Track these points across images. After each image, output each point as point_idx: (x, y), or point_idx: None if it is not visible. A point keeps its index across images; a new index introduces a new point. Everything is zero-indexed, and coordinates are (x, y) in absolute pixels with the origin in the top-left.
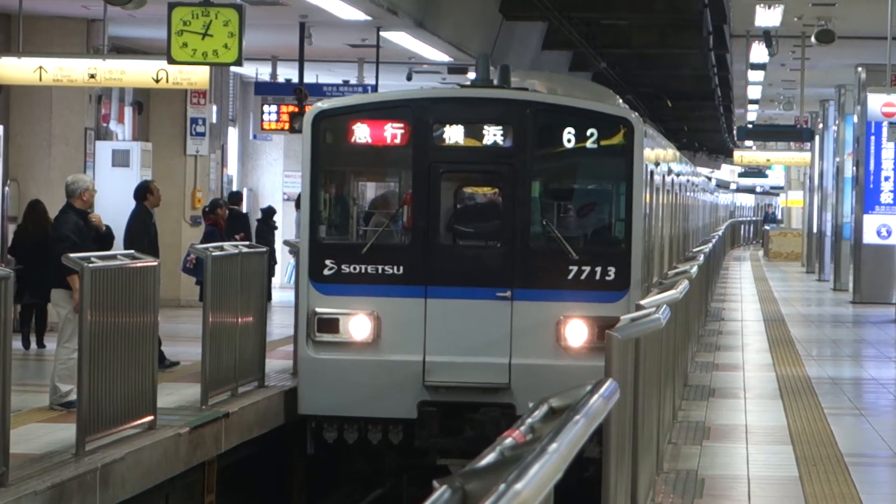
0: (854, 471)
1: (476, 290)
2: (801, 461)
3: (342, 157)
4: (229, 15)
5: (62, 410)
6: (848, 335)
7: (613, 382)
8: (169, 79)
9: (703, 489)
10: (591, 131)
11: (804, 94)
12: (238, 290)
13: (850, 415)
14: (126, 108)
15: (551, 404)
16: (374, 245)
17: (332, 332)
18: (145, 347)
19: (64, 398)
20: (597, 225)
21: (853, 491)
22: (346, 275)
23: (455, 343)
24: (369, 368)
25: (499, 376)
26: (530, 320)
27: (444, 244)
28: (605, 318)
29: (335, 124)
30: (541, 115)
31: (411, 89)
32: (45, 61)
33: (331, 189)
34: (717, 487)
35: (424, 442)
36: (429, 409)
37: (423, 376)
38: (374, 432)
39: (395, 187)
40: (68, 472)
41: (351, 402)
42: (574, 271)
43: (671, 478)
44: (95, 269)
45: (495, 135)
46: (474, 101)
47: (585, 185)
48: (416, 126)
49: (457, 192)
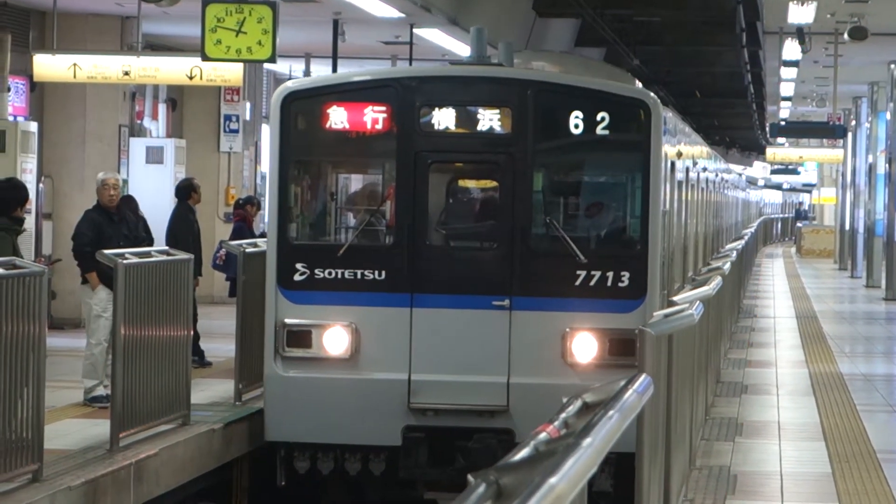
0: (887, 467)
1: (469, 298)
2: (833, 457)
3: (315, 146)
4: (263, 12)
5: (94, 407)
6: (880, 332)
7: (647, 377)
8: (203, 76)
9: (735, 485)
10: (602, 115)
11: (837, 92)
12: None
13: (882, 411)
14: (160, 105)
15: (585, 399)
16: (353, 246)
17: (304, 346)
18: (179, 344)
19: (89, 394)
20: (609, 224)
21: (886, 487)
22: (319, 280)
23: (445, 359)
24: (347, 388)
25: (495, 398)
26: (532, 333)
27: (432, 245)
28: (619, 331)
29: (307, 107)
30: (544, 96)
31: (397, 68)
32: (80, 58)
33: (302, 182)
34: (750, 484)
35: (410, 472)
36: (415, 434)
37: (409, 397)
38: (352, 461)
39: (377, 180)
40: (102, 468)
41: (326, 427)
42: (582, 277)
43: (704, 474)
44: (129, 266)
45: (491, 119)
46: (467, 80)
47: (596, 178)
48: (399, 109)
49: (448, 185)
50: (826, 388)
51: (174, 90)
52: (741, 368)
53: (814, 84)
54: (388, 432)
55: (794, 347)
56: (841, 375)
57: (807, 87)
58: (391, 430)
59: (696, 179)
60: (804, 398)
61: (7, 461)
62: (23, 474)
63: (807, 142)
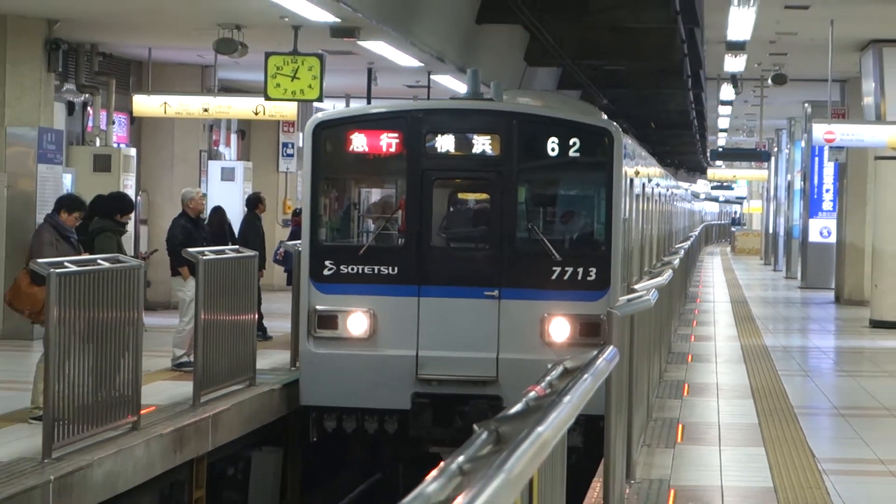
0: (801, 418)
1: (466, 289)
2: (760, 412)
3: (341, 165)
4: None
5: (180, 371)
6: (797, 313)
7: (614, 349)
8: (265, 112)
9: (683, 433)
10: (573, 141)
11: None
12: None
13: (798, 375)
14: (232, 135)
15: (565, 365)
16: (371, 247)
17: (331, 328)
18: (247, 322)
19: (176, 360)
20: (579, 229)
21: (801, 434)
22: (344, 275)
23: (446, 339)
24: (366, 362)
25: (487, 370)
26: (516, 318)
27: (436, 246)
28: (587, 316)
29: (334, 134)
30: (526, 125)
31: (407, 101)
32: (169, 98)
33: (330, 195)
34: (694, 431)
35: (418, 431)
36: (421, 400)
37: (417, 370)
38: (370, 422)
39: (391, 193)
40: (187, 419)
41: (349, 394)
42: (557, 272)
43: (658, 424)
44: (208, 261)
45: (484, 144)
46: (464, 112)
47: (568, 192)
48: (409, 136)
49: (448, 197)
50: (754, 357)
51: (243, 123)
52: (687, 342)
53: (744, 119)
54: (400, 398)
55: (729, 325)
56: (766, 347)
57: (739, 121)
58: (402, 396)
59: (651, 193)
60: (737, 365)
61: (111, 414)
62: (124, 424)
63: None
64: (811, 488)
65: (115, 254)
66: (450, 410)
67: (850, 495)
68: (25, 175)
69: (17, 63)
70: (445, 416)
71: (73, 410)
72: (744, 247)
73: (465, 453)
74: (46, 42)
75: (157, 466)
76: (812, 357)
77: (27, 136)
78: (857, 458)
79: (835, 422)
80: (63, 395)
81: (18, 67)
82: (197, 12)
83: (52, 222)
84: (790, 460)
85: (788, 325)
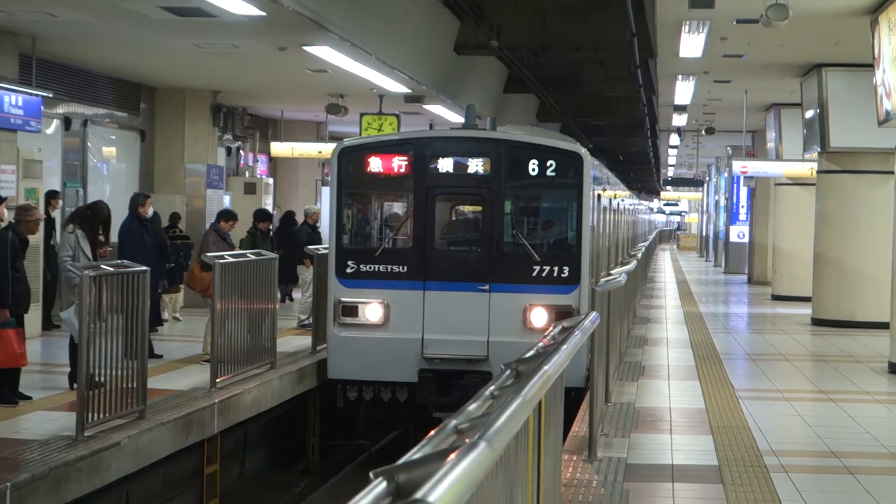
0: (725, 362)
1: (462, 284)
2: (696, 357)
3: (360, 183)
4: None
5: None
6: (721, 290)
7: (597, 314)
8: None
9: (644, 371)
10: (550, 162)
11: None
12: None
13: (722, 332)
14: None
15: (563, 325)
16: (385, 250)
17: (353, 316)
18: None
19: (301, 322)
20: (555, 235)
21: (724, 373)
22: (363, 272)
23: (446, 325)
24: (381, 344)
25: (479, 350)
26: (504, 308)
27: (438, 249)
28: (561, 306)
29: (355, 157)
30: (512, 150)
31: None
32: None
33: (352, 207)
34: (651, 370)
35: (424, 400)
36: (426, 374)
37: (422, 350)
38: (385, 392)
39: (402, 205)
40: (306, 362)
41: (367, 369)
42: (537, 270)
43: (627, 366)
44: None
45: (477, 165)
46: (462, 139)
47: (546, 204)
48: (416, 159)
49: (448, 209)
50: (692, 320)
51: None
52: (647, 310)
53: (686, 157)
54: (409, 373)
55: (675, 298)
56: (701, 314)
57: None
58: (411, 371)
59: (616, 207)
60: (680, 325)
61: (255, 358)
62: (264, 365)
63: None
64: (731, 409)
65: (258, 249)
66: (449, 383)
67: (757, 413)
68: (198, 196)
69: (192, 121)
70: (446, 387)
71: (230, 355)
72: (686, 245)
73: (495, 384)
74: (212, 106)
75: (288, 392)
76: (732, 320)
77: (199, 170)
78: (762, 388)
79: (747, 364)
80: (223, 345)
81: (193, 124)
82: (314, 86)
83: (215, 228)
84: (717, 390)
85: (716, 298)
